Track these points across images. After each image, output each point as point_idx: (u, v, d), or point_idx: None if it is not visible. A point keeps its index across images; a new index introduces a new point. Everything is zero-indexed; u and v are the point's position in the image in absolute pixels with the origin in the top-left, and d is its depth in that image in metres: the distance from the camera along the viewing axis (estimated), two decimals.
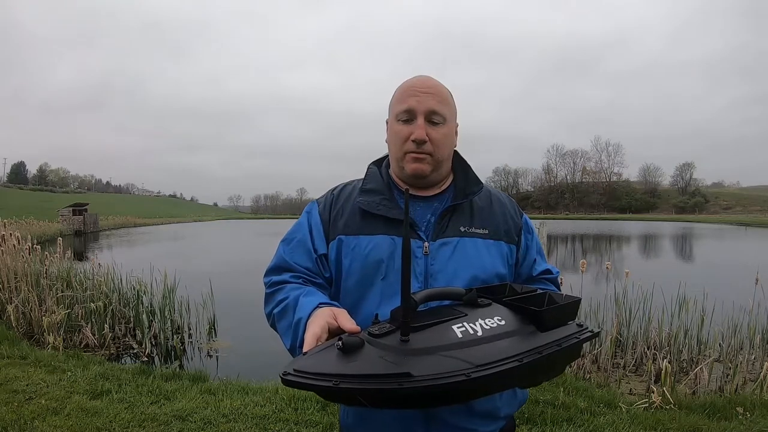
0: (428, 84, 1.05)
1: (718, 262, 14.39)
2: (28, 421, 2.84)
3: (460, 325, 0.78)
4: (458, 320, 0.80)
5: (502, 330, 0.79)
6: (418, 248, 1.02)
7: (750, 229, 39.33)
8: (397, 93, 1.08)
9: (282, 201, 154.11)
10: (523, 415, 2.91)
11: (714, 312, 4.61)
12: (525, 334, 0.80)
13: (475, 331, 0.77)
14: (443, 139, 1.05)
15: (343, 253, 1.05)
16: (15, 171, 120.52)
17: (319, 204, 1.13)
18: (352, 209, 1.08)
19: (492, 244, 1.07)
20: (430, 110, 1.03)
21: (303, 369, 0.68)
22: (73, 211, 34.31)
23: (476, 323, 0.79)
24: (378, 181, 1.10)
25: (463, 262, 1.03)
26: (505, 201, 1.16)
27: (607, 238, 27.77)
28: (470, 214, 1.08)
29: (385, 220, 1.04)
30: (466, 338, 0.75)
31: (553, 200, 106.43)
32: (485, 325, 0.79)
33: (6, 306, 5.46)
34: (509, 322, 0.82)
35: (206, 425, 2.87)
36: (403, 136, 1.04)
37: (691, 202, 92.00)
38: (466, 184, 1.11)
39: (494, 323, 0.80)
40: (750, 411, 3.03)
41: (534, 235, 1.17)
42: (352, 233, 1.05)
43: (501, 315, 0.83)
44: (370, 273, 1.02)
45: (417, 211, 1.07)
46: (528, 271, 1.15)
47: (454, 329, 0.77)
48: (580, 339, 0.84)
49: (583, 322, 0.87)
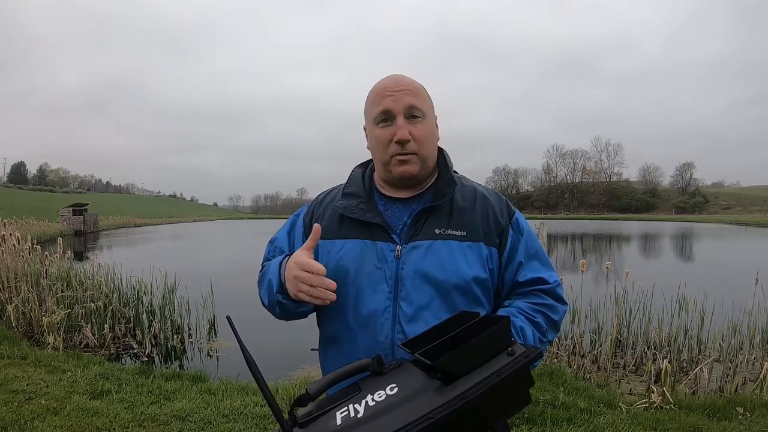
0: (401, 82, 1.03)
1: (718, 262, 14.39)
2: (28, 421, 2.84)
3: (344, 410, 0.76)
4: (347, 402, 0.78)
5: (390, 401, 0.75)
6: (390, 251, 1.01)
7: (750, 229, 39.31)
8: (370, 96, 1.06)
9: (282, 201, 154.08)
10: (523, 415, 2.91)
11: (714, 312, 4.61)
12: (427, 393, 0.74)
13: (357, 413, 0.74)
14: (426, 135, 1.03)
15: (319, 256, 1.05)
16: (15, 171, 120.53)
17: (306, 208, 1.17)
18: (331, 213, 1.09)
19: (469, 247, 1.01)
20: (408, 106, 1.01)
21: None
22: (73, 211, 34.33)
23: (362, 402, 0.76)
24: (358, 184, 1.10)
25: (435, 266, 0.98)
26: (492, 200, 1.08)
27: (607, 238, 27.76)
28: (449, 214, 1.03)
29: (359, 223, 1.04)
30: (345, 423, 0.73)
31: (553, 200, 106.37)
32: (371, 401, 0.76)
33: (6, 306, 5.46)
34: (407, 385, 0.77)
35: (206, 425, 2.87)
36: (386, 139, 1.02)
37: (691, 202, 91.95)
38: (445, 183, 1.07)
39: (383, 396, 0.76)
40: (750, 411, 3.03)
41: (525, 237, 1.07)
42: (329, 237, 1.05)
43: (397, 381, 0.79)
44: (341, 276, 1.01)
45: (394, 212, 1.06)
46: (512, 277, 1.05)
47: (337, 416, 0.75)
48: (501, 377, 0.74)
49: (518, 348, 0.77)
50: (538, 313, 1.03)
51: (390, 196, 1.08)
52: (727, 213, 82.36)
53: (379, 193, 1.10)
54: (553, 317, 1.05)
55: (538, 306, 1.03)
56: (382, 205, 1.08)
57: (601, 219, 68.76)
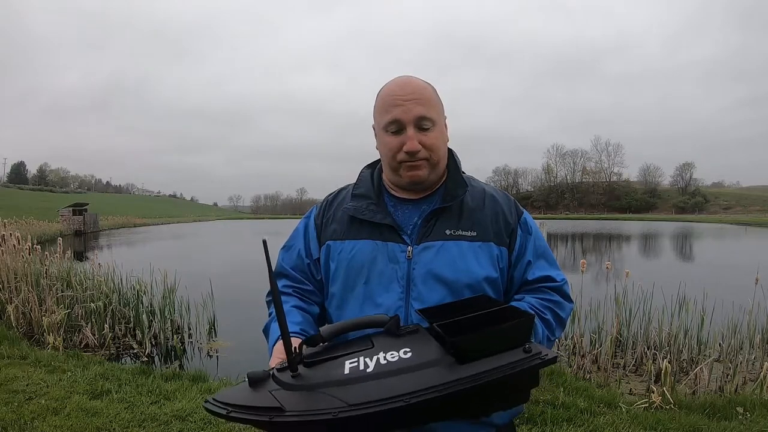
0: (410, 89, 1.01)
1: (718, 262, 14.39)
2: (28, 421, 2.84)
3: (354, 360, 0.77)
4: (357, 354, 0.79)
5: (403, 364, 0.75)
6: (401, 252, 1.01)
7: (750, 229, 39.30)
8: (379, 100, 1.05)
9: (282, 201, 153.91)
10: (523, 415, 2.91)
11: (714, 312, 4.60)
12: (440, 366, 0.74)
13: (366, 367, 0.75)
14: (436, 142, 1.03)
15: (330, 257, 1.06)
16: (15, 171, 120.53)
17: (316, 209, 1.17)
18: (342, 214, 1.09)
19: (480, 247, 1.02)
20: (418, 117, 0.99)
21: (218, 398, 0.74)
22: (73, 211, 34.33)
23: (374, 357, 0.77)
24: (368, 185, 1.10)
25: (446, 266, 0.99)
26: (501, 200, 1.09)
27: (607, 238, 27.76)
28: (458, 215, 1.04)
29: (370, 224, 1.04)
30: (353, 374, 0.74)
31: (553, 200, 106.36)
32: (383, 359, 0.76)
33: (6, 306, 5.46)
34: (422, 353, 0.77)
35: (206, 425, 2.87)
36: (395, 147, 1.02)
37: (691, 202, 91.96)
38: (455, 185, 1.07)
39: (396, 357, 0.76)
40: (750, 411, 3.03)
41: (534, 237, 1.08)
42: (339, 238, 1.06)
43: (412, 347, 0.79)
44: (352, 277, 1.02)
45: (404, 213, 1.06)
46: (521, 276, 1.06)
47: (346, 364, 0.76)
48: (514, 371, 0.73)
49: (534, 347, 0.76)
50: (548, 309, 1.03)
51: (400, 197, 1.09)
52: (727, 213, 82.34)
53: (389, 194, 1.10)
54: (561, 314, 1.06)
55: (547, 303, 1.04)
56: (392, 206, 1.08)
57: (601, 219, 68.75)
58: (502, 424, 1.01)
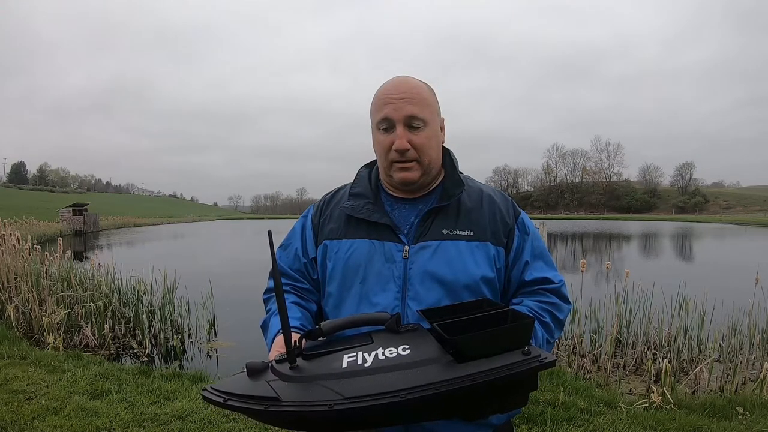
0: (403, 88, 1.01)
1: (718, 262, 14.38)
2: (28, 421, 2.84)
3: (352, 355, 0.77)
4: (356, 349, 0.79)
5: (401, 361, 0.75)
6: (398, 252, 1.01)
7: (750, 228, 39.29)
8: (374, 100, 1.06)
9: (282, 201, 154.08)
10: (523, 415, 2.91)
11: (714, 312, 4.60)
12: (438, 364, 0.74)
13: (364, 362, 0.75)
14: (427, 143, 1.02)
15: (327, 257, 1.06)
16: (15, 171, 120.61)
17: (313, 208, 1.17)
18: (339, 214, 1.09)
19: (477, 246, 1.02)
20: (408, 116, 0.99)
21: (216, 387, 0.75)
22: (73, 211, 34.33)
23: (372, 352, 0.77)
24: (365, 185, 1.10)
25: (443, 266, 0.99)
26: (498, 200, 1.09)
27: (607, 238, 27.75)
28: (456, 215, 1.04)
29: (367, 224, 1.04)
30: (351, 368, 0.75)
31: (553, 200, 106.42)
32: (381, 355, 0.77)
33: (6, 306, 5.46)
34: (420, 351, 0.77)
35: (206, 425, 2.87)
36: (386, 145, 1.02)
37: (691, 201, 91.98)
38: (452, 184, 1.07)
39: (394, 353, 0.77)
40: (750, 411, 3.03)
41: (531, 237, 1.08)
42: (336, 237, 1.07)
43: (411, 344, 0.79)
44: (349, 276, 1.02)
45: (402, 213, 1.06)
46: (518, 277, 1.06)
47: (344, 358, 0.77)
48: (512, 372, 0.73)
49: (533, 350, 0.76)
50: (546, 312, 1.03)
51: (397, 197, 1.09)
52: (727, 213, 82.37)
53: (386, 193, 1.10)
54: (559, 316, 1.05)
55: (545, 305, 1.04)
56: (389, 205, 1.08)
57: (601, 219, 68.77)
58: (499, 424, 1.01)
